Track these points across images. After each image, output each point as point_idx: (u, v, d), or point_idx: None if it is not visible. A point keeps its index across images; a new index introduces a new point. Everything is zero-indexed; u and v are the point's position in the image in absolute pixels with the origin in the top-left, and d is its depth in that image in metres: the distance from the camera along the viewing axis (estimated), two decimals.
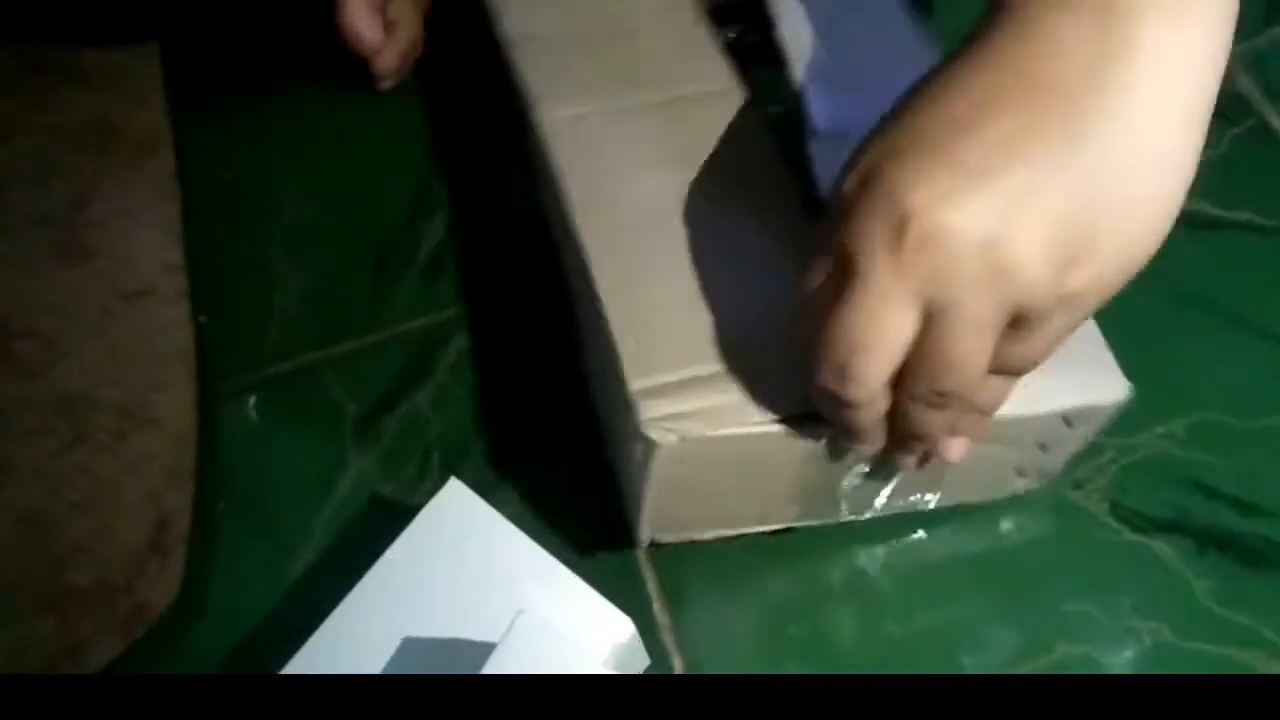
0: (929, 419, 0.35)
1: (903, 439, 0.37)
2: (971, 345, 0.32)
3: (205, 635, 0.49)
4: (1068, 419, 0.42)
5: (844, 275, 0.32)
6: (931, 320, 0.32)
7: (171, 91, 0.63)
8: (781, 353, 0.38)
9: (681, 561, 0.49)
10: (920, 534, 0.49)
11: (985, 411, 0.37)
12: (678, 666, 0.47)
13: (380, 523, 0.49)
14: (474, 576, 0.43)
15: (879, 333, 0.32)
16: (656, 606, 0.48)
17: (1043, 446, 0.44)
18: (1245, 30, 0.58)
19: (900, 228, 0.30)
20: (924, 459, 0.39)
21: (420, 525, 0.45)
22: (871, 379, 0.33)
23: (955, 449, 0.38)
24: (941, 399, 0.33)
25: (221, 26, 0.66)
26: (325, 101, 0.64)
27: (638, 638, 0.43)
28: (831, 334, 0.33)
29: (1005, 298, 0.31)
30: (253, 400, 0.55)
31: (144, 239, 0.58)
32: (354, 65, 0.58)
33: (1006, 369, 0.34)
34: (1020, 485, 0.47)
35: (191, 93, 0.64)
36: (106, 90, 0.64)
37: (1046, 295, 0.31)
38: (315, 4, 0.56)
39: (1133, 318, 0.52)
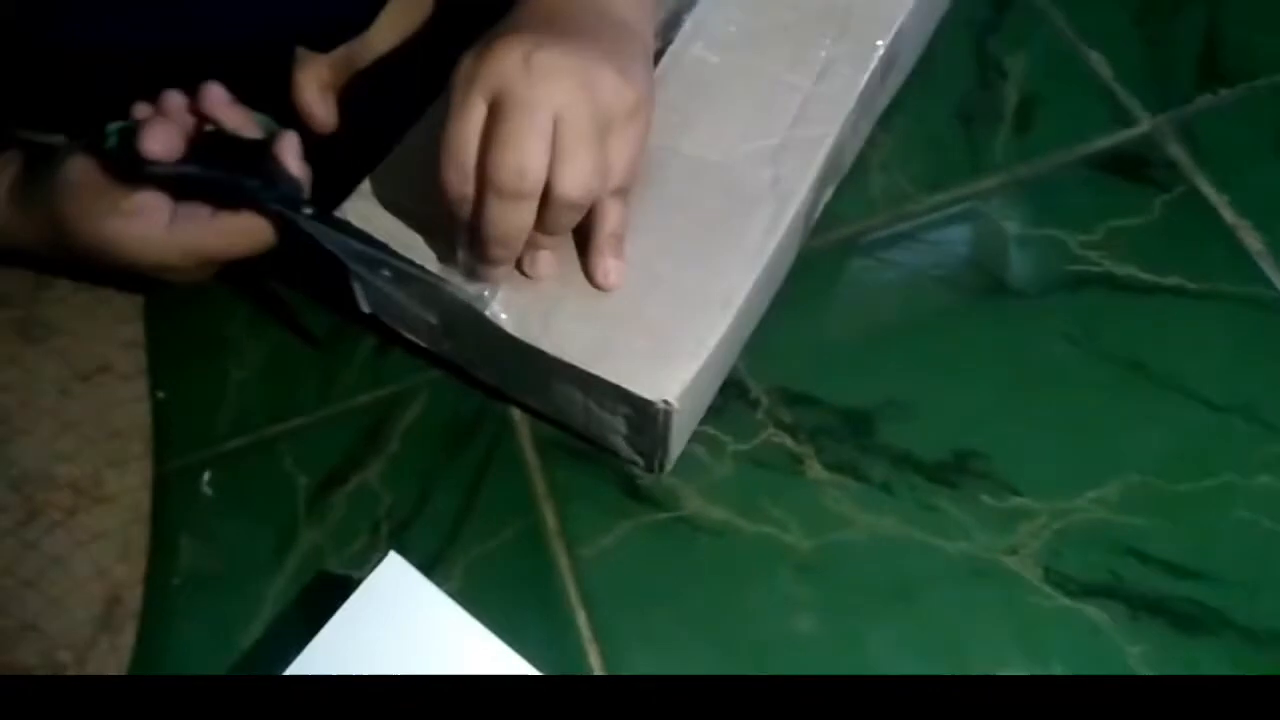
0: (503, 215, 0.45)
1: (485, 240, 0.46)
2: (524, 126, 0.43)
3: None
4: (621, 397, 0.48)
5: (497, 106, 0.44)
6: (495, 107, 0.44)
7: None
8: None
9: (624, 637, 0.49)
10: (853, 598, 0.49)
11: (550, 228, 0.46)
12: None
13: (327, 596, 0.49)
14: (410, 652, 0.44)
15: (462, 119, 0.44)
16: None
17: (629, 421, 0.50)
18: (1175, 99, 0.60)
19: (479, 59, 0.44)
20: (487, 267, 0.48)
21: (359, 600, 0.45)
22: (462, 146, 0.44)
23: (541, 265, 0.49)
24: (508, 183, 0.43)
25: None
26: None
27: None
28: (442, 141, 0.45)
29: (539, 94, 0.43)
30: (207, 475, 0.56)
31: (106, 314, 0.60)
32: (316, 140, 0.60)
33: (556, 185, 0.44)
34: (626, 451, 0.53)
35: None
36: None
37: (571, 101, 0.43)
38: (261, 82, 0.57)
39: (1065, 381, 0.53)
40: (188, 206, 0.51)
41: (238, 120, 0.52)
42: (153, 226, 0.50)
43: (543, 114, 0.43)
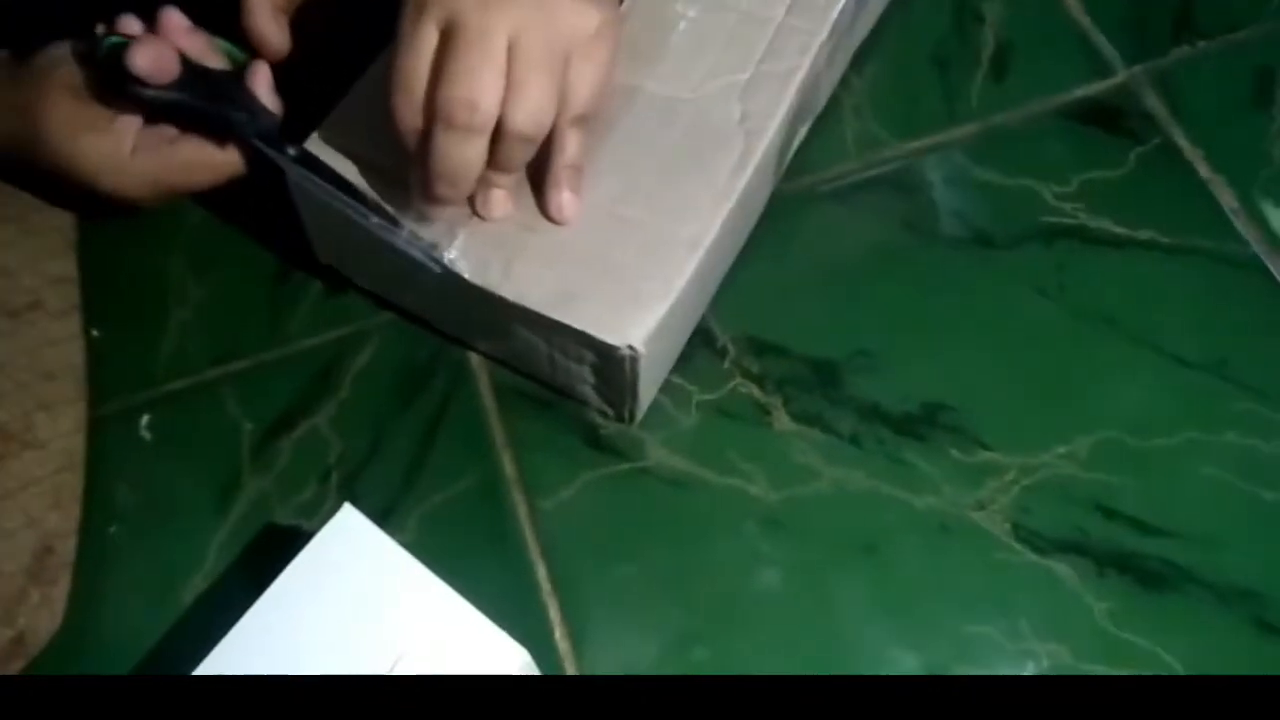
0: (453, 150, 0.42)
1: (433, 177, 0.43)
2: (475, 56, 0.41)
3: (92, 666, 0.47)
4: (586, 344, 0.46)
5: (448, 32, 0.42)
6: (446, 35, 0.41)
7: None
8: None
9: (584, 590, 0.48)
10: (819, 552, 0.48)
11: (503, 164, 0.44)
12: None
13: (275, 547, 0.48)
14: (366, 605, 0.42)
15: (412, 48, 0.42)
16: (558, 634, 0.47)
17: (595, 369, 0.48)
18: (1153, 50, 0.59)
19: None
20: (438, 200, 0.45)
21: (312, 552, 0.43)
22: (411, 77, 0.42)
23: (494, 204, 0.47)
24: (458, 116, 0.41)
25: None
26: None
27: (531, 666, 0.42)
28: (391, 72, 0.43)
29: (492, 19, 0.41)
30: (146, 419, 0.53)
31: (33, 248, 0.56)
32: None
33: (508, 117, 0.42)
34: (595, 401, 0.51)
35: None
36: None
37: (526, 26, 0.41)
38: (222, 7, 0.54)
39: (1036, 334, 0.53)
40: (149, 133, 0.50)
41: (198, 48, 0.50)
42: (118, 148, 0.49)
43: (496, 41, 0.41)
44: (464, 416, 0.52)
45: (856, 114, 0.59)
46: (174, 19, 0.50)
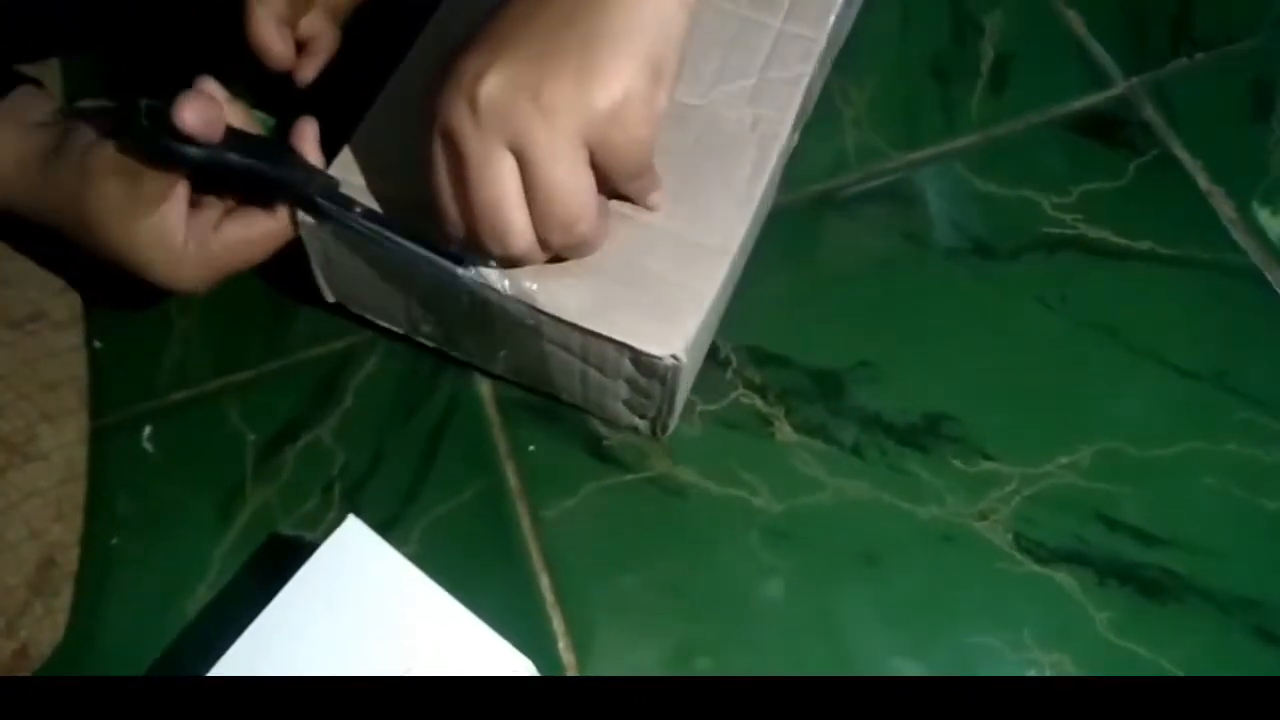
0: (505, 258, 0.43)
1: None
2: (562, 168, 0.40)
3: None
4: (626, 355, 0.46)
5: (454, 158, 0.40)
6: (523, 160, 0.39)
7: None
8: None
9: (588, 602, 0.48)
10: (822, 563, 0.48)
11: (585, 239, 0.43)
12: None
13: (279, 559, 0.48)
14: (371, 617, 0.42)
15: (500, 186, 0.40)
16: (562, 645, 0.47)
17: (631, 383, 0.48)
18: (1151, 61, 0.60)
19: (473, 104, 0.39)
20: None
21: (317, 564, 0.43)
22: (519, 223, 0.41)
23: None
24: (492, 248, 0.42)
25: (129, 41, 0.63)
26: None
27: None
28: (475, 208, 0.41)
29: (570, 127, 0.39)
30: (148, 430, 0.53)
31: (37, 259, 0.56)
32: (274, 80, 0.57)
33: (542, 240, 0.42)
34: (626, 417, 0.51)
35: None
36: None
37: (583, 127, 0.39)
38: (233, 17, 0.54)
39: (1037, 345, 0.53)
40: (194, 221, 0.47)
41: (237, 118, 0.47)
42: (172, 237, 0.46)
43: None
44: (467, 427, 0.52)
45: (856, 125, 0.59)
46: (209, 86, 0.46)
